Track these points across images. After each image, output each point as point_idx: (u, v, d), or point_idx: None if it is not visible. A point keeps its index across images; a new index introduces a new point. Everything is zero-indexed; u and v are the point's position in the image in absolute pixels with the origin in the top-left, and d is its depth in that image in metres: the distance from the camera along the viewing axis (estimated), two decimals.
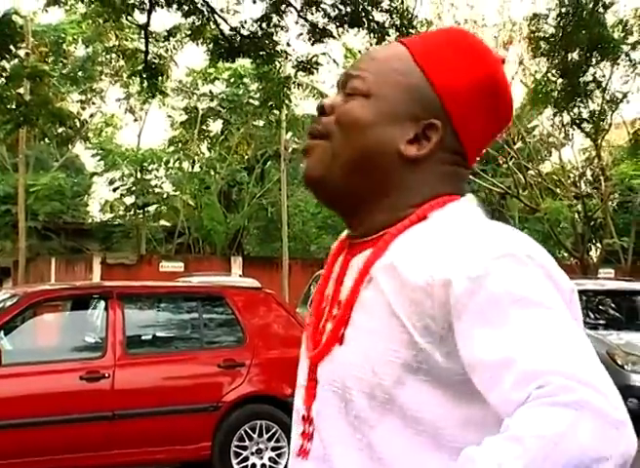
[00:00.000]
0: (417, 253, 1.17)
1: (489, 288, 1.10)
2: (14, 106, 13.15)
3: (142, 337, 7.27)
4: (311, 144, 1.28)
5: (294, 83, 14.45)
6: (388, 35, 12.45)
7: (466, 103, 1.24)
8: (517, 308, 1.08)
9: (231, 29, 12.83)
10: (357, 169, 1.24)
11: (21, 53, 14.86)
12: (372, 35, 12.51)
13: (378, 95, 1.25)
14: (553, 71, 17.59)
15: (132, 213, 29.06)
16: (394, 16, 12.46)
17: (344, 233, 1.36)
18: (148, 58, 13.24)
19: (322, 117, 1.28)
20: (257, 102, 23.77)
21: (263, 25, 12.59)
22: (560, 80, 17.50)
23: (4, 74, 13.19)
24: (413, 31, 12.67)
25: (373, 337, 1.18)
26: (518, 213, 26.37)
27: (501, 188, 23.41)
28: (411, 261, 1.17)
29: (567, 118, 18.86)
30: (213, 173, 29.18)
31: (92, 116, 29.80)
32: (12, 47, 12.61)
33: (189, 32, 13.41)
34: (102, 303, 7.03)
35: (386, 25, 12.45)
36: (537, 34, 17.30)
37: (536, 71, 19.82)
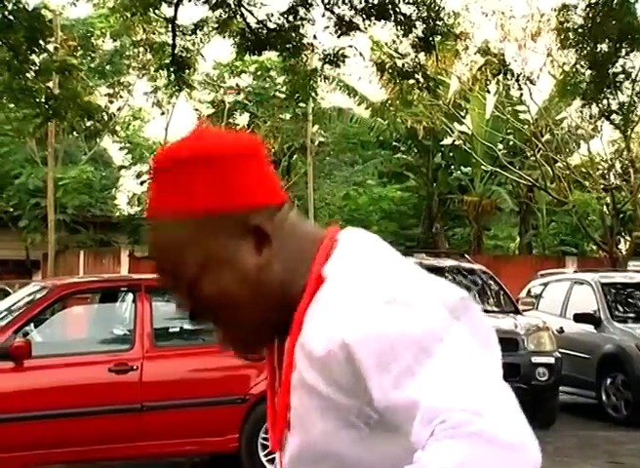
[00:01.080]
0: (316, 325, 1.20)
1: (380, 337, 1.14)
2: (43, 100, 13.25)
3: (170, 330, 7.31)
4: (222, 338, 1.29)
5: (320, 76, 14.42)
6: (415, 27, 12.41)
7: (231, 192, 1.22)
8: (411, 350, 1.12)
9: (258, 22, 12.83)
10: (261, 313, 1.25)
11: (50, 47, 14.94)
12: (398, 27, 12.47)
13: (202, 265, 1.23)
14: (582, 62, 17.43)
15: None
16: (421, 8, 12.40)
17: None
18: (175, 51, 13.28)
19: (198, 315, 1.28)
20: (283, 95, 23.79)
21: (290, 18, 12.59)
22: (589, 71, 17.33)
23: (33, 68, 13.29)
24: (439, 23, 12.61)
25: (306, 418, 1.23)
26: (546, 205, 26.18)
27: (529, 181, 23.26)
28: (313, 334, 1.20)
29: (596, 110, 18.68)
30: None
31: (119, 109, 29.95)
32: (41, 41, 12.70)
33: (216, 25, 13.44)
34: (131, 296, 7.07)
35: (413, 17, 12.40)
36: (565, 25, 17.14)
37: (564, 63, 19.64)
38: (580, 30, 16.64)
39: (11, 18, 12.00)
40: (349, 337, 1.15)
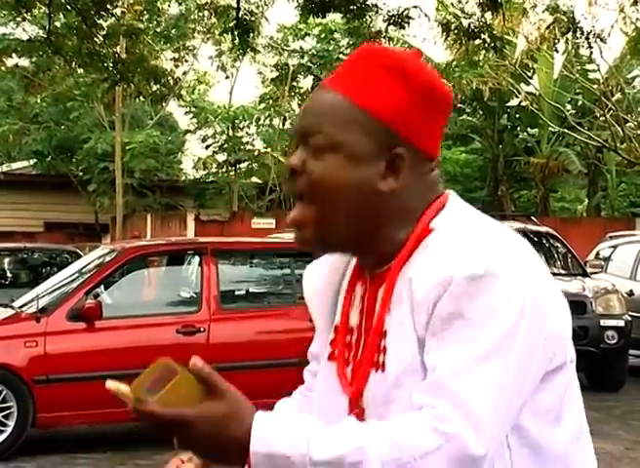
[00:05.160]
0: (424, 268, 1.25)
1: (457, 305, 1.19)
2: (111, 64, 13.39)
3: (236, 293, 7.40)
4: (298, 216, 1.32)
5: (384, 37, 14.27)
6: None
7: (413, 117, 1.30)
8: (469, 330, 1.18)
9: None
10: (350, 225, 1.30)
11: (118, 11, 15.06)
12: None
13: (342, 146, 1.29)
14: None
15: (224, 170, 29.38)
16: None
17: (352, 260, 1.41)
18: (240, 14, 13.27)
19: (295, 179, 1.31)
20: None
21: None
22: None
23: (101, 32, 13.43)
24: None
25: (401, 361, 1.26)
26: (616, 166, 25.63)
27: (598, 142, 22.77)
28: (420, 275, 1.24)
29: None
30: None
31: (185, 74, 30.09)
32: (109, 5, 12.81)
33: None
34: (197, 259, 7.16)
35: None
36: None
37: (637, 19, 19.09)
38: None
39: None
40: (457, 275, 1.20)
